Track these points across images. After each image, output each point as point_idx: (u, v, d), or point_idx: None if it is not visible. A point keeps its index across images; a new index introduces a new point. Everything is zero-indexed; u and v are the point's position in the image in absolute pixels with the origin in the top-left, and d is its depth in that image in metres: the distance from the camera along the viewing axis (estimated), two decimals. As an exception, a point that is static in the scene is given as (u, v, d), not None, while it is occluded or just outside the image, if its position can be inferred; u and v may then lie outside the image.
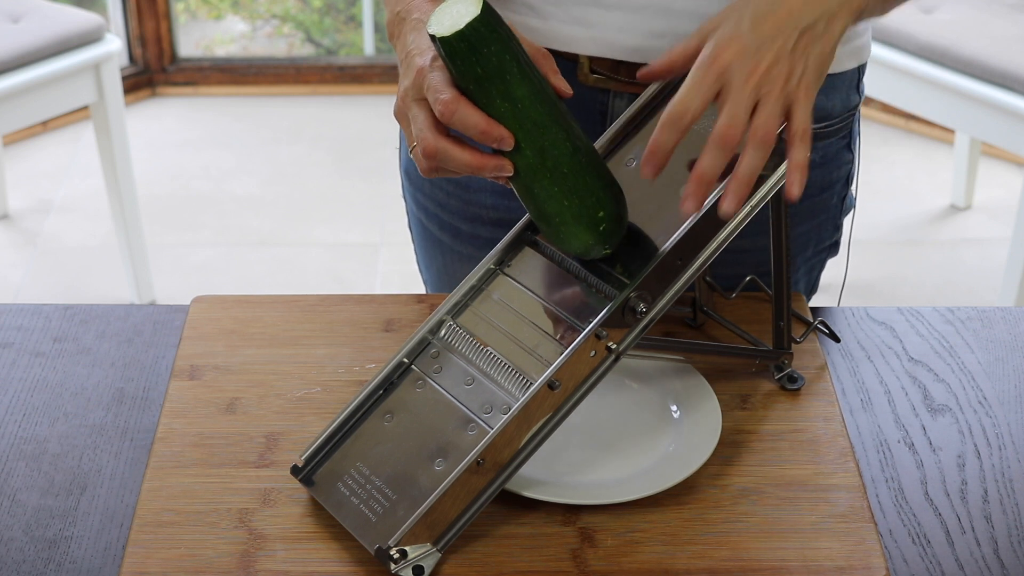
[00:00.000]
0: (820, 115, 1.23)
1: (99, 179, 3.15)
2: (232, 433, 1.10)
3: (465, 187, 1.30)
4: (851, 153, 1.30)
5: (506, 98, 0.94)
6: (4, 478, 1.08)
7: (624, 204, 1.01)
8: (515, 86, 0.94)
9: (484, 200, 1.30)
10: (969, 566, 1.01)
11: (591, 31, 1.17)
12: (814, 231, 1.31)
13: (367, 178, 3.31)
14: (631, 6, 1.15)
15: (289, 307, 1.25)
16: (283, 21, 3.90)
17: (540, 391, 0.98)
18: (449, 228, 1.34)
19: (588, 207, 0.98)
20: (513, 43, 0.94)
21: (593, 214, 0.98)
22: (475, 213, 1.31)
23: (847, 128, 1.27)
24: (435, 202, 1.34)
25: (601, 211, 0.98)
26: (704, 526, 1.02)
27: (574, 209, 0.98)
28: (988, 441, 1.13)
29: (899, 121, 3.46)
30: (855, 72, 1.25)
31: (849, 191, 1.32)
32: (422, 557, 0.97)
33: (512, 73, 0.94)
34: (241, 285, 2.95)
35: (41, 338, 1.23)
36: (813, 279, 1.37)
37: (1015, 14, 2.71)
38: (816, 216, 1.30)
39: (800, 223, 1.29)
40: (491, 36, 0.93)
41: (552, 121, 0.96)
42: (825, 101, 1.23)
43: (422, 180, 1.35)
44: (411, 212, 1.41)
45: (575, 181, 0.97)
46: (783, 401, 1.14)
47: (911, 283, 2.98)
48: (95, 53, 2.67)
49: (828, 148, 1.26)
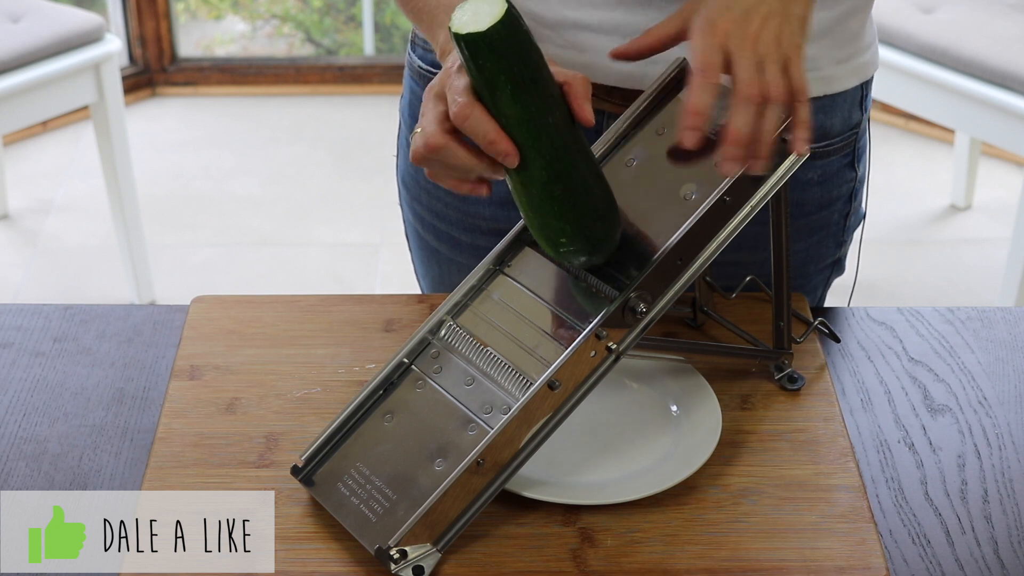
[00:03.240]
0: (820, 134, 1.22)
1: (99, 179, 3.15)
2: (232, 433, 1.10)
3: (464, 199, 1.29)
4: (854, 171, 1.28)
5: (496, 110, 0.94)
6: (4, 478, 1.08)
7: (608, 223, 1.00)
8: (504, 104, 0.94)
9: (483, 211, 1.29)
10: (969, 566, 1.01)
11: (585, 56, 1.16)
12: (814, 248, 1.30)
13: (367, 178, 3.31)
14: (625, 31, 1.14)
15: (289, 307, 1.25)
16: (283, 21, 3.90)
17: (540, 391, 0.98)
18: (447, 239, 1.34)
19: (551, 231, 0.99)
20: (526, 55, 0.93)
21: (556, 238, 0.99)
22: (474, 224, 1.31)
23: (849, 146, 1.26)
24: (433, 212, 1.34)
25: (563, 237, 0.99)
26: (704, 526, 1.02)
27: (536, 227, 1.00)
28: (988, 441, 1.13)
29: (899, 121, 3.46)
30: (858, 90, 1.24)
31: (852, 207, 1.30)
32: (422, 557, 0.97)
33: (504, 90, 0.93)
34: (241, 285, 2.95)
35: (41, 338, 1.23)
36: (818, 298, 1.35)
37: (1015, 14, 2.71)
38: (814, 233, 1.29)
39: (798, 240, 1.27)
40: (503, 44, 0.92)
41: (532, 146, 0.95)
42: (824, 120, 1.22)
43: (420, 190, 1.34)
44: (408, 222, 1.41)
45: (542, 207, 0.98)
46: (783, 401, 1.14)
47: (911, 283, 2.98)
48: (95, 53, 2.67)
49: (828, 167, 1.25)
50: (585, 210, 0.98)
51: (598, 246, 1.00)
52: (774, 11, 0.98)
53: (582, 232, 0.99)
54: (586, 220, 0.99)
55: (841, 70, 1.20)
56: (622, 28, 1.15)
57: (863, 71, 1.23)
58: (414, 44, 1.30)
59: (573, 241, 0.99)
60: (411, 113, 1.32)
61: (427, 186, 1.32)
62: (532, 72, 0.94)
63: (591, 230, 0.99)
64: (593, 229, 0.99)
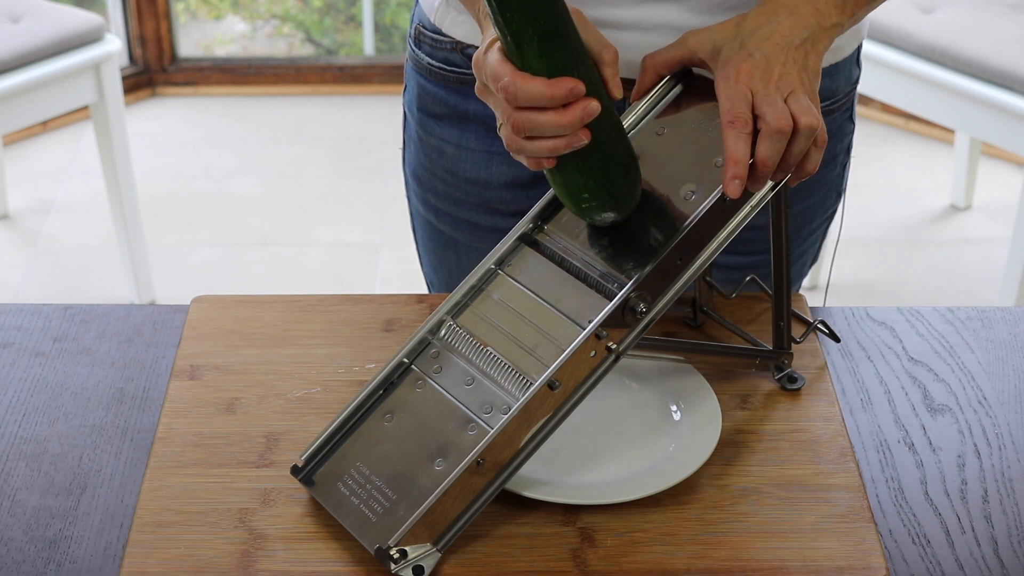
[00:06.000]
0: (826, 94, 1.26)
1: (99, 179, 3.15)
2: (232, 433, 1.10)
3: (485, 184, 1.30)
4: (852, 123, 1.33)
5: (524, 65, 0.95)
6: (4, 478, 1.08)
7: (631, 178, 1.01)
8: (531, 56, 0.94)
9: (504, 195, 1.30)
10: (969, 566, 1.01)
11: None
12: (819, 202, 1.34)
13: (367, 178, 3.31)
14: (643, 26, 1.17)
15: (289, 307, 1.25)
16: (283, 21, 3.90)
17: (540, 391, 0.98)
18: (465, 225, 1.34)
19: (574, 186, 1.00)
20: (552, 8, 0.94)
21: (579, 193, 1.00)
22: (493, 207, 1.32)
23: (849, 101, 1.31)
24: (450, 200, 1.34)
25: (585, 192, 1.00)
26: (704, 526, 1.02)
27: (559, 183, 1.01)
28: (988, 441, 1.13)
29: (899, 121, 3.46)
30: (855, 50, 1.29)
31: (849, 157, 1.36)
32: (422, 557, 0.97)
33: (532, 43, 0.94)
34: (241, 285, 2.95)
35: (41, 338, 1.23)
36: (816, 248, 1.41)
37: (1015, 14, 2.71)
38: (822, 187, 1.33)
39: (807, 196, 1.32)
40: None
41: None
42: (831, 83, 1.26)
43: (433, 181, 1.34)
44: (417, 214, 1.41)
45: (566, 161, 0.98)
46: (783, 401, 1.14)
47: (911, 283, 2.98)
48: (95, 53, 2.67)
49: (833, 123, 1.29)
50: (608, 164, 0.99)
51: (621, 201, 1.01)
52: (794, 60, 1.03)
53: (605, 187, 1.00)
54: (609, 175, 1.00)
55: (846, 36, 1.25)
56: (641, 22, 1.17)
57: (858, 33, 1.28)
58: (419, 41, 1.30)
59: (596, 196, 1.00)
60: (419, 106, 1.33)
61: (442, 175, 1.33)
62: (559, 25, 0.94)
63: (614, 185, 1.00)
64: (616, 184, 1.00)
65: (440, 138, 1.31)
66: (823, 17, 1.06)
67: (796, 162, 1.02)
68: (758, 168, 1.00)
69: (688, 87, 1.07)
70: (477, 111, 1.27)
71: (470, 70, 1.24)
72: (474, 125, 1.28)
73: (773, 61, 1.02)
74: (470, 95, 1.26)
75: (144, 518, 1.02)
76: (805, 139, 1.00)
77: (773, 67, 1.01)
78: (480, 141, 1.29)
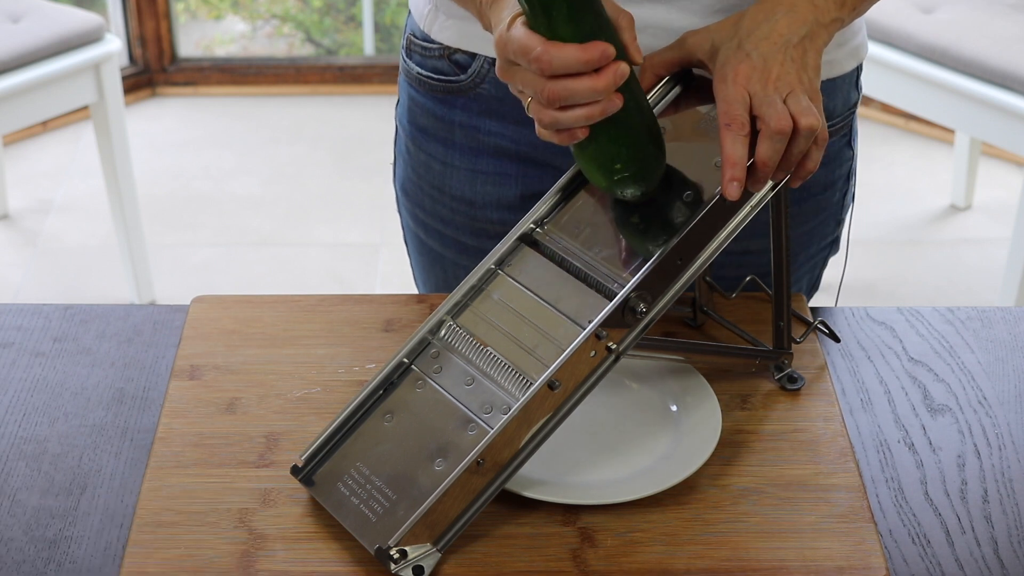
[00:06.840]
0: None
1: (99, 179, 3.15)
2: (232, 433, 1.10)
3: (471, 203, 1.30)
4: (851, 150, 1.31)
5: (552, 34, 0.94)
6: (4, 478, 1.08)
7: (659, 147, 1.01)
8: (560, 23, 0.94)
9: (490, 215, 1.29)
10: (969, 566, 1.01)
11: None
12: (817, 228, 1.32)
13: (367, 178, 3.31)
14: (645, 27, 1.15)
15: (289, 307, 1.25)
16: (283, 21, 3.90)
17: (540, 391, 0.98)
18: (452, 243, 1.34)
19: (606, 157, 0.99)
20: None
21: (610, 164, 1.00)
22: (481, 228, 1.31)
23: (848, 126, 1.29)
24: (437, 217, 1.33)
25: (618, 163, 1.00)
26: (704, 526, 1.02)
27: (589, 156, 1.00)
28: (988, 441, 1.13)
29: (899, 121, 3.46)
30: (854, 71, 1.27)
31: (849, 186, 1.34)
32: (422, 557, 0.97)
33: (560, 9, 0.93)
34: (241, 285, 2.95)
35: (41, 338, 1.23)
36: (815, 276, 1.38)
37: (1015, 14, 2.71)
38: (819, 214, 1.31)
39: (804, 222, 1.30)
40: None
41: None
42: (827, 103, 1.24)
43: (421, 196, 1.34)
44: (408, 228, 1.40)
45: (598, 130, 0.98)
46: (783, 401, 1.14)
47: (911, 283, 2.98)
48: (95, 53, 2.67)
49: (830, 147, 1.27)
50: (639, 131, 1.00)
51: (650, 170, 1.01)
52: (792, 59, 1.02)
53: (636, 155, 1.00)
54: (640, 142, 1.00)
55: (841, 53, 1.23)
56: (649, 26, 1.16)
57: (857, 53, 1.26)
58: (410, 51, 1.30)
59: (628, 165, 1.00)
60: (409, 119, 1.32)
61: (429, 191, 1.32)
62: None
63: (644, 152, 1.00)
64: (646, 152, 1.00)
65: (428, 153, 1.30)
66: (821, 13, 1.05)
67: (796, 162, 1.02)
68: (758, 169, 1.00)
69: (687, 88, 1.07)
70: (463, 120, 1.26)
71: (457, 78, 1.24)
72: (459, 142, 1.28)
73: (771, 61, 1.01)
74: (455, 105, 1.25)
75: (144, 518, 1.02)
76: (805, 139, 1.00)
77: (771, 67, 1.01)
78: (464, 159, 1.28)
